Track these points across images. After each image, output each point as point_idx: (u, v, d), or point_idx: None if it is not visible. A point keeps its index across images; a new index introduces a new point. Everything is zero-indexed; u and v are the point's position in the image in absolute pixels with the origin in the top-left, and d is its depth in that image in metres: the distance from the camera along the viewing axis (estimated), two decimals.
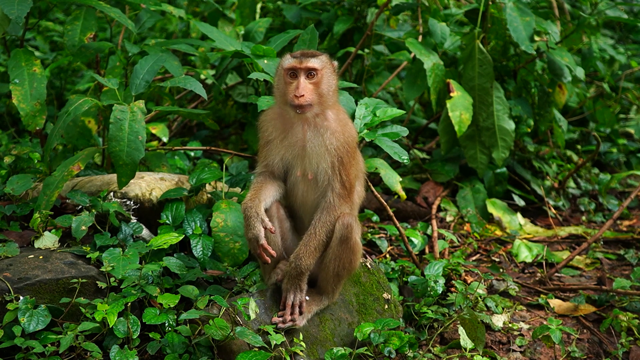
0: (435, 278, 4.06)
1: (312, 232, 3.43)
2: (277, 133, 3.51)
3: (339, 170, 3.43)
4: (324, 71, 3.39)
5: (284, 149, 3.50)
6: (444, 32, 5.33)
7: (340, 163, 3.43)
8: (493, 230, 5.42)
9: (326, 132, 3.43)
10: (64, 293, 3.47)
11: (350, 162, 3.48)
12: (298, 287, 3.47)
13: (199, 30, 6.22)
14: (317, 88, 3.37)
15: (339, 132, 3.45)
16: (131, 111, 3.84)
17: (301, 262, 3.41)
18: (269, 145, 3.53)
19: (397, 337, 3.55)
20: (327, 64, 3.43)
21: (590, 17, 5.71)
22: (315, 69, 3.36)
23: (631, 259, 5.00)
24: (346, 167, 3.44)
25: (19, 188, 4.12)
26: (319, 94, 3.38)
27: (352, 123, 3.62)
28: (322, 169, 3.44)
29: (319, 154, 3.43)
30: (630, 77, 7.72)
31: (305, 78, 3.36)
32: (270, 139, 3.53)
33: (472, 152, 5.59)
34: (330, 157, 3.43)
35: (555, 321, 3.70)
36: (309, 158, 3.45)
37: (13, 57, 4.36)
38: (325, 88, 3.39)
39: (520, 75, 5.98)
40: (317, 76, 3.37)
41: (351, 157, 3.48)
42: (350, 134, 3.50)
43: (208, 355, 3.35)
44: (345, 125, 3.50)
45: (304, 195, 3.56)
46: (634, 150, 7.09)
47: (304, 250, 3.41)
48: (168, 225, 4.09)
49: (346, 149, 3.45)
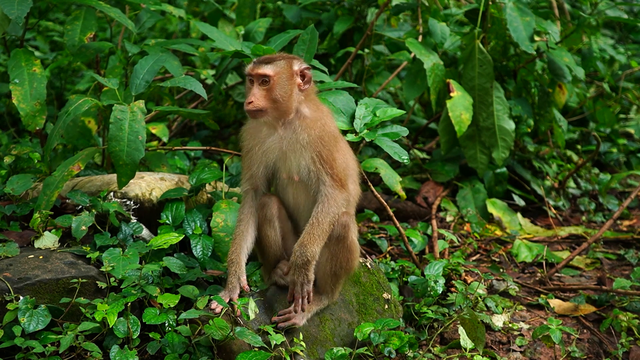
0: (435, 278, 4.06)
1: (313, 221, 3.43)
2: (256, 141, 3.54)
3: (321, 164, 3.44)
4: (276, 77, 3.40)
5: (264, 155, 3.52)
6: (444, 32, 5.33)
7: (320, 157, 3.43)
8: (493, 230, 5.42)
9: (298, 129, 3.45)
10: (64, 293, 3.47)
11: (332, 155, 3.47)
12: (305, 277, 3.44)
13: (199, 30, 6.22)
14: (270, 94, 3.39)
15: (310, 128, 3.45)
16: (131, 111, 3.84)
17: (306, 249, 3.39)
18: (250, 153, 3.57)
19: (397, 337, 3.55)
20: (285, 70, 3.43)
21: (590, 17, 5.71)
22: (267, 75, 3.39)
23: (631, 259, 5.00)
24: (328, 160, 3.44)
25: (19, 188, 4.12)
26: (272, 100, 3.40)
27: (330, 118, 3.58)
28: (304, 166, 3.46)
29: (295, 151, 3.45)
30: (630, 77, 7.72)
31: (259, 85, 3.40)
32: (250, 147, 3.57)
33: (472, 152, 5.59)
34: (309, 153, 3.44)
35: (555, 321, 3.70)
36: (289, 159, 3.48)
37: (13, 57, 4.36)
38: (279, 94, 3.40)
39: (520, 75, 5.98)
40: (270, 83, 3.39)
41: (331, 150, 3.47)
42: (324, 129, 3.48)
43: (208, 355, 3.35)
44: (318, 120, 3.49)
45: (295, 198, 3.59)
46: (634, 150, 7.09)
47: (308, 238, 3.40)
48: (168, 225, 4.09)
49: (322, 143, 3.44)
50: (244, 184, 3.63)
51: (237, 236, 3.56)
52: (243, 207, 3.62)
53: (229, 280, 3.48)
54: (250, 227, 3.59)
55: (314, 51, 4.28)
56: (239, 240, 3.55)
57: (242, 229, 3.57)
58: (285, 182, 3.57)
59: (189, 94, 6.36)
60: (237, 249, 3.53)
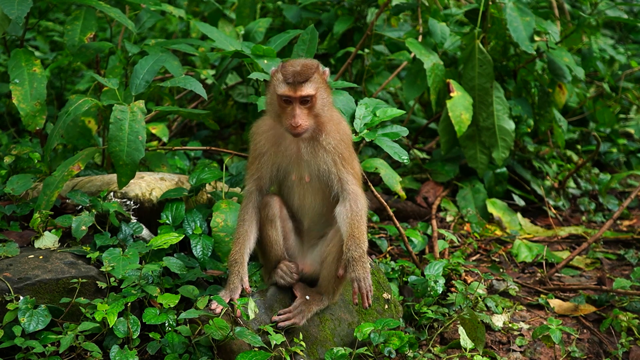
0: (435, 278, 4.06)
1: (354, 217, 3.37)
2: (270, 145, 3.51)
3: (343, 165, 3.45)
4: (318, 93, 3.35)
5: (278, 158, 3.50)
6: (444, 32, 5.33)
7: (341, 159, 3.44)
8: (493, 230, 5.42)
9: (321, 134, 3.44)
10: (64, 293, 3.47)
11: (352, 156, 3.51)
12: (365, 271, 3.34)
13: (199, 30, 6.22)
14: (312, 110, 3.36)
15: (334, 131, 3.46)
16: (131, 111, 3.84)
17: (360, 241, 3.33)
18: (262, 157, 3.53)
19: (397, 337, 3.55)
20: (320, 82, 3.38)
21: (590, 17, 5.71)
22: (310, 96, 3.33)
23: (631, 259, 5.00)
24: (349, 160, 3.47)
25: (19, 188, 4.12)
26: (315, 116, 3.38)
27: (345, 122, 3.62)
28: (324, 170, 3.45)
29: (317, 156, 3.44)
30: (630, 77, 7.72)
31: (300, 104, 3.32)
32: (263, 151, 3.53)
33: (472, 152, 5.59)
34: (331, 156, 3.44)
35: (555, 321, 3.69)
36: (307, 163, 3.46)
37: (13, 57, 4.36)
38: (320, 107, 3.38)
39: (520, 75, 5.98)
40: (312, 101, 3.34)
41: (350, 151, 3.50)
42: (345, 132, 3.52)
43: (208, 355, 3.35)
44: (339, 124, 3.51)
45: (300, 199, 3.57)
46: (634, 150, 7.09)
47: (357, 232, 3.35)
48: (168, 225, 4.09)
49: (344, 146, 3.46)
50: (249, 184, 3.59)
51: (240, 236, 3.53)
52: (246, 206, 3.58)
53: (231, 279, 3.46)
54: (253, 227, 3.56)
55: (314, 51, 4.28)
56: (242, 240, 3.52)
57: (246, 229, 3.54)
58: (292, 183, 3.54)
59: (189, 94, 6.36)
60: (241, 249, 3.51)
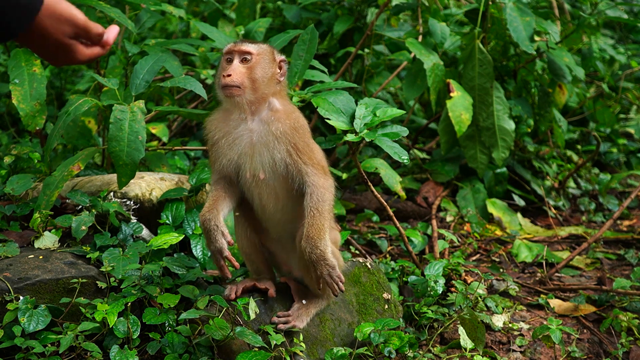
0: (435, 278, 4.05)
1: (312, 212, 3.23)
2: (222, 133, 3.37)
3: (298, 155, 3.28)
4: (259, 57, 3.29)
5: (229, 148, 3.35)
6: (444, 32, 5.33)
7: (295, 148, 3.28)
8: (493, 230, 5.42)
9: (271, 120, 3.30)
10: (64, 293, 3.47)
11: (309, 146, 3.33)
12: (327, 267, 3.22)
13: (199, 30, 6.22)
14: (250, 72, 3.27)
15: (283, 119, 3.30)
16: (131, 111, 3.84)
17: (315, 242, 3.19)
18: (216, 146, 3.39)
19: (397, 337, 3.54)
20: (267, 56, 3.33)
21: (590, 17, 5.71)
22: (250, 53, 3.27)
23: (631, 259, 5.00)
24: (305, 150, 3.30)
25: (19, 188, 4.12)
26: (251, 79, 3.26)
27: (300, 113, 3.44)
28: (280, 160, 3.29)
29: (268, 144, 3.28)
30: (630, 77, 7.71)
31: (240, 62, 3.27)
32: (216, 139, 3.39)
33: (472, 152, 5.59)
34: (284, 145, 3.27)
35: (555, 321, 3.69)
36: (259, 153, 3.30)
37: (13, 57, 4.36)
38: (259, 73, 3.28)
39: (520, 75, 5.98)
40: (252, 61, 3.27)
41: (307, 142, 3.33)
42: (298, 121, 3.34)
43: (208, 355, 3.35)
44: (292, 113, 3.36)
45: (261, 201, 3.39)
46: (634, 150, 7.09)
47: (313, 230, 3.20)
48: (168, 225, 4.09)
49: (297, 136, 3.30)
50: (214, 175, 3.43)
51: (210, 197, 3.35)
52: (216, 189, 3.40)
53: (211, 236, 3.25)
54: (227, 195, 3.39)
55: (314, 51, 4.28)
56: (214, 200, 3.34)
57: (219, 193, 3.37)
58: (249, 183, 3.37)
59: (189, 94, 6.36)
60: (213, 204, 3.30)
